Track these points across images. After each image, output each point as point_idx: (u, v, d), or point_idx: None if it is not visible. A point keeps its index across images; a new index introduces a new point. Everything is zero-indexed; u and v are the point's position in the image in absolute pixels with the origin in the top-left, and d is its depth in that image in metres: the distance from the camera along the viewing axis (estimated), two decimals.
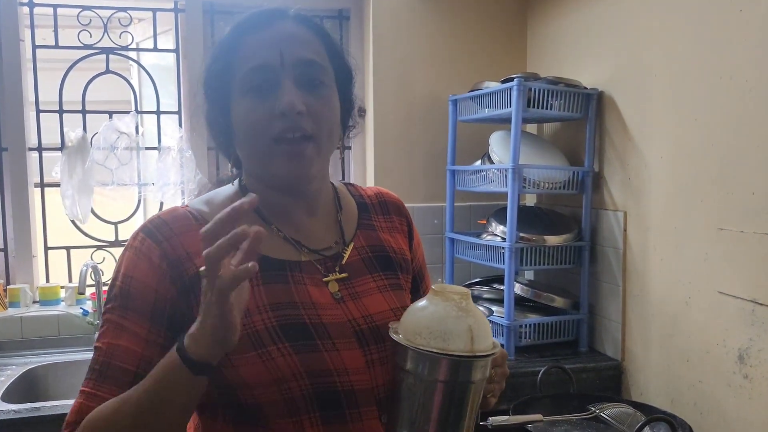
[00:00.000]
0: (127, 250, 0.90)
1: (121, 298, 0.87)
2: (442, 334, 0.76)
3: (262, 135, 0.88)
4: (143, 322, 0.86)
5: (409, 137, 2.47)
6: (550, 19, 2.40)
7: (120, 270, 0.89)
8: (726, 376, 1.61)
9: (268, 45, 0.89)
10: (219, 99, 0.93)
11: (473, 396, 0.80)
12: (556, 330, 2.13)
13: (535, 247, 2.08)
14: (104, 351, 0.86)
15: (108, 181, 2.36)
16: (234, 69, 0.90)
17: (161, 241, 0.88)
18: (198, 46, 2.44)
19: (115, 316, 0.86)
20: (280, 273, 0.91)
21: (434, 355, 0.76)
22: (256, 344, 0.85)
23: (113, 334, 0.86)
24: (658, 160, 1.84)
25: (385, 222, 1.07)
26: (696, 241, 1.71)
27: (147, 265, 0.87)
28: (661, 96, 1.83)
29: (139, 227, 0.91)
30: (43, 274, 2.43)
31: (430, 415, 0.78)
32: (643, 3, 1.88)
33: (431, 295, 0.81)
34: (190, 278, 0.87)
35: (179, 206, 0.95)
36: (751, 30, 1.51)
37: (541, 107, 2.04)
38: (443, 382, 0.77)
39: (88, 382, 0.86)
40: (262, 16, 0.93)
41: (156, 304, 0.86)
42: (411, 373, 0.79)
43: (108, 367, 0.85)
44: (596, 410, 1.51)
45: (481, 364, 0.78)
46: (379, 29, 2.43)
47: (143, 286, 0.86)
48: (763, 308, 1.50)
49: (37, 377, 2.09)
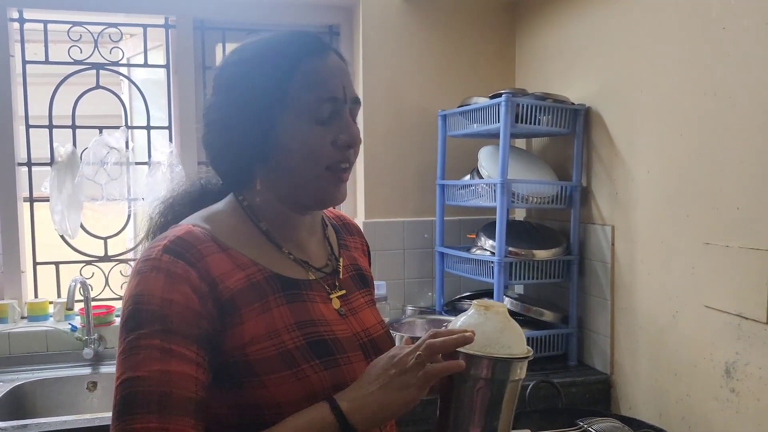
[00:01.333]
0: (154, 272, 0.84)
1: (161, 322, 0.81)
2: (508, 344, 0.89)
3: (316, 160, 0.91)
4: (191, 345, 0.82)
5: (399, 152, 2.48)
6: (538, 35, 2.43)
7: (152, 292, 0.83)
8: (713, 390, 1.62)
9: (332, 76, 0.91)
10: (259, 113, 0.91)
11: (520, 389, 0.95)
12: (545, 344, 2.13)
13: (524, 262, 2.10)
14: (156, 380, 0.79)
15: (98, 196, 2.36)
16: (292, 90, 0.90)
17: (195, 263, 0.85)
18: (188, 61, 2.45)
19: (158, 342, 0.81)
20: (298, 292, 0.93)
21: (510, 360, 0.88)
22: (290, 364, 0.86)
23: (161, 361, 0.80)
24: (645, 174, 1.86)
25: (353, 242, 1.13)
26: (682, 255, 1.72)
27: (187, 286, 0.83)
28: (647, 111, 1.85)
29: (161, 248, 0.86)
30: (31, 290, 2.42)
31: (501, 409, 0.90)
32: (629, 20, 1.91)
33: (483, 311, 0.92)
34: (226, 301, 0.86)
35: (188, 226, 0.90)
36: (734, 47, 1.54)
37: (530, 123, 2.06)
38: (514, 381, 0.90)
39: (149, 417, 0.78)
40: (318, 43, 0.93)
41: (200, 326, 0.83)
42: (485, 379, 0.89)
43: (170, 397, 0.79)
44: (585, 425, 1.51)
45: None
46: (368, 45, 2.45)
47: (186, 309, 0.83)
48: (749, 322, 1.51)
49: (25, 394, 2.07)
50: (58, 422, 1.70)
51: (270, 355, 0.86)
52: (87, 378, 2.16)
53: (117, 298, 2.47)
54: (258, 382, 0.85)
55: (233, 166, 0.96)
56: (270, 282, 0.91)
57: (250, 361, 0.85)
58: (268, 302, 0.89)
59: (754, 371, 1.50)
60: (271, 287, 0.90)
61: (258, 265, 0.91)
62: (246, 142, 0.92)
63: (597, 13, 2.06)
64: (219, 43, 2.52)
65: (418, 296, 2.54)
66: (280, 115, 0.90)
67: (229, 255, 0.89)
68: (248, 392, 0.85)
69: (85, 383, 2.15)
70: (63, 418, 1.73)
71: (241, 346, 0.85)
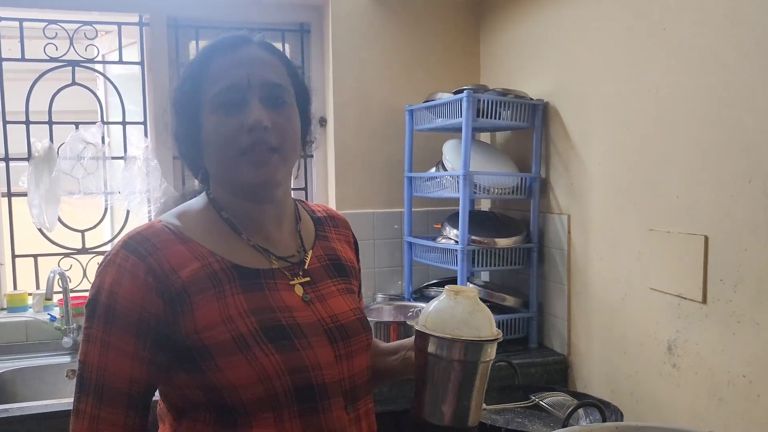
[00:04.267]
0: (109, 267, 0.93)
1: (105, 314, 0.90)
2: (477, 327, 0.95)
3: (230, 147, 0.96)
4: (130, 338, 0.90)
5: (369, 146, 2.58)
6: (500, 33, 2.53)
7: (103, 286, 0.92)
8: (657, 366, 1.75)
9: (236, 67, 0.98)
10: (189, 116, 1.00)
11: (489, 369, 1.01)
12: (507, 328, 2.25)
13: (487, 249, 2.20)
14: (95, 369, 0.90)
15: (75, 190, 2.42)
16: (204, 89, 0.98)
17: (145, 257, 0.92)
18: (163, 58, 2.51)
19: (101, 333, 0.90)
20: (255, 281, 0.99)
21: (481, 343, 0.95)
22: (241, 347, 0.92)
23: (100, 351, 0.90)
24: (597, 166, 1.98)
25: (336, 234, 1.18)
26: (630, 242, 1.84)
27: (131, 281, 0.91)
28: (598, 107, 1.96)
29: (120, 244, 0.94)
30: (10, 282, 2.48)
31: (473, 388, 0.97)
32: (581, 20, 2.02)
33: (453, 295, 0.98)
34: (176, 290, 0.92)
35: (155, 221, 0.99)
36: (674, 46, 1.65)
37: (492, 117, 2.16)
38: (485, 362, 0.97)
39: (87, 401, 0.90)
40: (229, 41, 1.00)
41: (141, 319, 0.90)
42: (457, 360, 0.95)
43: (103, 388, 0.90)
44: (536, 399, 1.62)
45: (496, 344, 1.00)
46: (338, 42, 2.54)
47: (128, 303, 0.90)
48: (688, 302, 1.63)
49: (5, 382, 2.14)
50: (39, 406, 1.77)
51: (223, 340, 0.92)
52: (67, 366, 2.23)
53: None
54: (214, 365, 0.91)
55: (193, 167, 1.06)
56: (227, 272, 0.97)
57: (206, 346, 0.92)
58: (223, 291, 0.95)
59: (692, 347, 1.62)
60: (228, 277, 0.97)
61: (216, 255, 0.98)
62: (187, 145, 1.03)
63: (553, 12, 2.17)
64: (192, 41, 2.58)
65: (388, 284, 2.64)
66: (200, 114, 0.99)
67: (188, 247, 0.96)
68: (207, 375, 0.92)
69: (65, 371, 2.22)
70: (44, 402, 1.80)
71: (194, 331, 0.92)
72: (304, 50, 2.69)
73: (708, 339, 1.57)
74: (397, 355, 1.17)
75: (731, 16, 1.48)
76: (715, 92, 1.53)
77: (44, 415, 1.73)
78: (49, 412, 1.74)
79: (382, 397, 1.96)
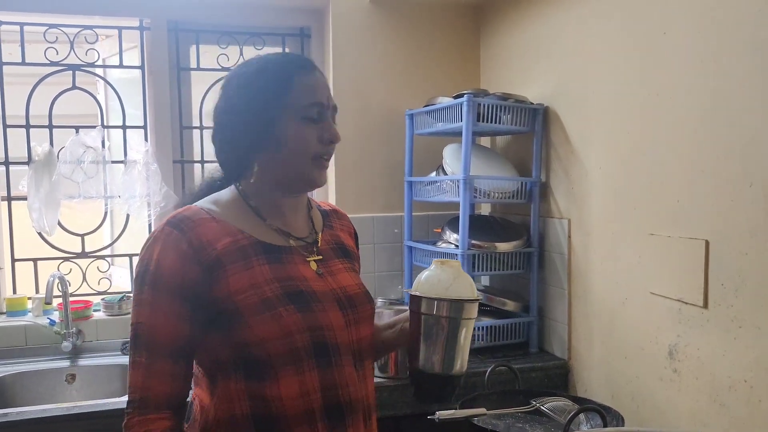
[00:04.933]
0: (156, 241, 1.10)
1: (154, 281, 1.08)
2: (459, 290, 1.16)
3: (304, 151, 1.16)
4: (173, 299, 1.07)
5: (369, 149, 2.57)
6: (501, 37, 2.54)
7: (152, 257, 1.09)
8: (658, 371, 1.74)
9: (320, 88, 1.18)
10: (263, 119, 1.15)
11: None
12: (508, 332, 2.24)
13: (487, 254, 2.20)
14: (147, 328, 1.07)
15: (75, 194, 2.42)
16: (286, 99, 1.15)
17: (186, 231, 1.10)
18: (163, 62, 2.52)
19: (150, 297, 1.08)
20: (277, 255, 1.16)
21: (462, 302, 1.15)
22: (268, 307, 1.09)
23: (150, 312, 1.08)
24: (597, 170, 1.97)
25: (339, 225, 1.36)
26: (630, 246, 1.84)
27: (175, 252, 1.08)
28: (598, 111, 1.96)
29: (164, 222, 1.12)
30: (10, 286, 2.47)
31: (456, 341, 1.16)
32: (582, 25, 2.02)
33: (440, 265, 1.19)
34: (212, 260, 1.09)
35: (191, 206, 1.16)
36: (674, 50, 1.66)
37: (492, 121, 2.16)
38: (466, 319, 1.16)
39: (141, 355, 1.07)
40: (305, 62, 1.20)
41: (183, 284, 1.08)
42: (443, 317, 1.15)
43: (153, 343, 1.07)
44: (537, 404, 1.61)
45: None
46: (338, 46, 2.54)
47: (172, 270, 1.08)
48: (689, 307, 1.63)
49: (4, 386, 2.14)
50: (38, 410, 1.77)
51: (252, 302, 1.09)
52: (66, 370, 2.23)
53: (94, 294, 2.53)
54: (244, 323, 1.08)
55: (234, 155, 1.19)
56: (253, 247, 1.14)
57: (238, 307, 1.08)
58: (251, 261, 1.12)
59: (693, 352, 1.62)
60: (254, 250, 1.13)
61: (244, 233, 1.14)
62: (248, 136, 1.16)
63: (554, 16, 2.17)
64: (193, 45, 2.59)
65: (388, 289, 2.63)
66: (279, 115, 1.15)
67: (220, 225, 1.13)
68: (237, 332, 1.08)
69: (64, 375, 2.22)
70: (42, 407, 1.80)
71: (227, 294, 1.09)
72: (304, 54, 2.69)
73: (709, 344, 1.57)
74: (393, 329, 1.31)
75: (732, 20, 1.48)
76: (715, 96, 1.53)
77: (43, 419, 1.73)
78: (47, 417, 1.74)
79: (382, 402, 1.96)
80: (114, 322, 2.40)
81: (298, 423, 1.09)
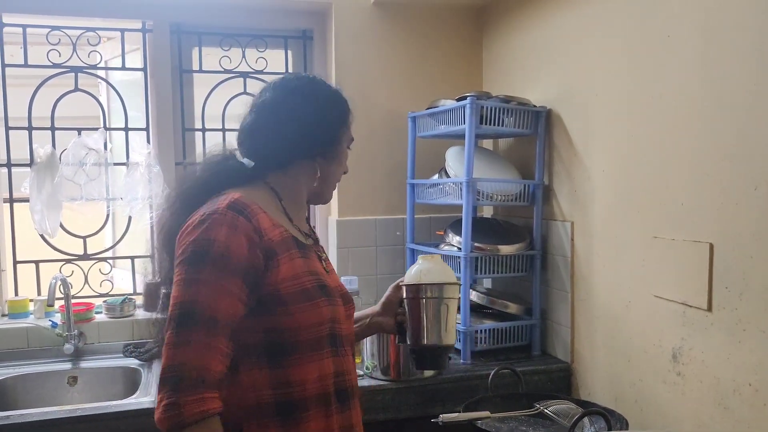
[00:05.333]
0: (221, 224, 1.13)
1: (219, 262, 1.10)
2: (440, 277, 1.43)
3: (339, 173, 1.38)
4: (238, 283, 1.12)
5: (371, 152, 2.57)
6: (503, 40, 2.54)
7: (217, 239, 1.12)
8: (662, 374, 1.74)
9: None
10: (331, 132, 1.32)
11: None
12: (510, 335, 2.24)
13: (490, 256, 2.20)
14: (207, 306, 1.09)
15: (77, 196, 2.41)
16: (347, 125, 1.36)
17: (250, 218, 1.16)
18: (165, 65, 2.52)
19: (213, 277, 1.10)
20: (304, 251, 1.26)
21: (442, 283, 1.42)
22: (309, 298, 1.20)
23: (212, 292, 1.09)
24: (600, 173, 1.97)
25: None
26: (634, 249, 1.83)
27: (243, 236, 1.13)
28: (601, 114, 1.96)
29: (226, 206, 1.16)
30: (11, 288, 2.47)
31: (440, 316, 1.42)
32: (585, 28, 2.02)
33: (427, 260, 1.46)
34: (269, 248, 1.17)
35: (240, 195, 1.20)
36: (678, 53, 1.65)
37: (494, 124, 2.16)
38: (448, 298, 1.42)
39: (196, 333, 1.07)
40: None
41: (247, 268, 1.13)
42: (437, 298, 1.41)
43: (214, 321, 1.08)
44: (541, 407, 1.61)
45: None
46: (340, 49, 2.54)
47: (239, 254, 1.12)
48: (693, 310, 1.62)
49: (6, 388, 2.13)
50: (40, 413, 1.76)
51: (295, 291, 1.18)
52: (67, 373, 2.22)
53: (96, 296, 2.53)
54: (286, 310, 1.17)
55: (275, 150, 1.29)
56: (291, 240, 1.23)
57: (283, 295, 1.17)
58: (291, 254, 1.21)
59: (698, 355, 1.62)
60: (293, 244, 1.23)
61: (282, 227, 1.24)
62: (308, 141, 1.29)
63: (557, 19, 2.17)
64: (195, 47, 2.59)
65: None
66: (341, 137, 1.34)
67: (268, 216, 1.21)
68: (277, 318, 1.17)
69: (66, 378, 2.22)
70: (44, 410, 1.80)
71: (276, 282, 1.17)
72: (306, 57, 2.69)
73: (713, 347, 1.57)
74: (360, 323, 1.49)
75: (735, 22, 1.48)
76: (719, 99, 1.53)
77: (45, 422, 1.72)
78: (49, 420, 1.73)
79: (384, 405, 1.95)
80: (116, 325, 2.39)
81: (315, 405, 1.20)
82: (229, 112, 2.59)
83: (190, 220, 1.18)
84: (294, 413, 1.18)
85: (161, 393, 1.05)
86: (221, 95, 2.61)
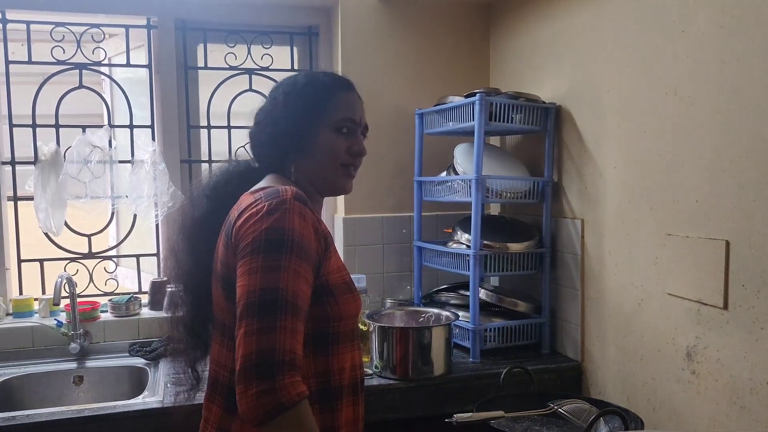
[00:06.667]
0: (292, 213, 1.15)
1: (297, 250, 1.12)
2: None
3: (334, 159, 1.31)
4: (309, 269, 1.15)
5: (378, 149, 2.55)
6: (511, 36, 2.51)
7: (292, 227, 1.13)
8: (675, 373, 1.72)
9: (354, 106, 1.34)
10: (305, 124, 1.29)
11: None
12: (519, 333, 2.22)
13: (499, 254, 2.18)
14: (291, 292, 1.10)
15: (81, 194, 2.39)
16: (327, 110, 1.30)
17: (312, 210, 1.21)
18: (170, 61, 2.49)
19: (294, 264, 1.12)
20: (333, 246, 1.28)
21: None
22: (350, 290, 1.27)
23: (293, 278, 1.11)
24: (611, 170, 1.95)
25: None
26: (646, 246, 1.81)
27: (311, 226, 1.17)
28: (613, 110, 1.94)
29: (290, 196, 1.17)
30: (16, 287, 2.45)
31: None
32: (596, 23, 2.00)
33: None
34: (326, 239, 1.22)
35: (295, 188, 1.21)
36: (692, 48, 1.63)
37: (503, 120, 2.14)
38: None
39: (284, 318, 1.08)
40: (348, 84, 1.36)
41: (314, 256, 1.17)
42: None
43: (296, 306, 1.10)
44: (554, 406, 1.59)
45: None
46: (347, 45, 2.52)
47: (309, 242, 1.15)
48: (708, 308, 1.60)
49: (12, 388, 2.11)
50: (46, 413, 1.74)
51: (340, 282, 1.24)
52: (73, 372, 2.21)
53: (101, 294, 2.51)
54: (333, 300, 1.22)
55: (273, 152, 1.32)
56: (328, 234, 1.26)
57: (331, 285, 1.22)
58: (332, 247, 1.25)
59: (713, 354, 1.60)
60: (330, 238, 1.26)
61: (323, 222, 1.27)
62: (289, 139, 1.29)
63: (566, 15, 2.15)
64: (200, 44, 2.56)
65: (397, 289, 2.61)
66: (317, 124, 1.29)
67: (313, 210, 1.22)
68: (325, 307, 1.21)
69: (72, 377, 2.20)
70: (50, 410, 1.78)
71: (326, 273, 1.21)
72: (312, 53, 2.67)
73: (729, 345, 1.55)
74: None
75: (753, 17, 1.46)
76: (735, 94, 1.51)
77: (51, 422, 1.70)
78: (55, 420, 1.71)
79: (394, 404, 1.93)
80: (121, 324, 2.37)
81: (347, 394, 1.26)
82: (234, 109, 2.57)
83: (247, 209, 1.17)
84: (331, 401, 1.23)
85: (248, 381, 1.02)
86: (226, 92, 2.58)
